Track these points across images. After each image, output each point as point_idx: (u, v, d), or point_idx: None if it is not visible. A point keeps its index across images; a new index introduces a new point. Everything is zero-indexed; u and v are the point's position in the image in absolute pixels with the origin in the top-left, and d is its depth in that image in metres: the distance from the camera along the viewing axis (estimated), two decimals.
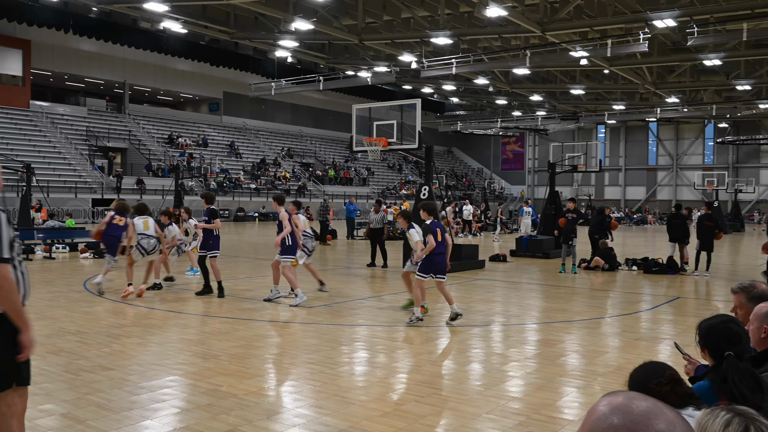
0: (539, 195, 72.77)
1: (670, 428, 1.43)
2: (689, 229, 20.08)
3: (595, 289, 16.13)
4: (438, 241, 10.79)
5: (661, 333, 10.57)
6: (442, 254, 10.95)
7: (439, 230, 10.93)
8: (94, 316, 11.24)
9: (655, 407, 1.47)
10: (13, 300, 3.99)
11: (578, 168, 31.63)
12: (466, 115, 75.77)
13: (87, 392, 6.80)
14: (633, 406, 1.46)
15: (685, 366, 4.11)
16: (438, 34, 32.53)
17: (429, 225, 10.85)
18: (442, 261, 10.93)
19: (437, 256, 10.83)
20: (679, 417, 1.47)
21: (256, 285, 15.12)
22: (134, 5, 31.53)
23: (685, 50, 36.64)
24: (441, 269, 10.91)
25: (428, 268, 10.80)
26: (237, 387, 7.06)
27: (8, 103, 48.09)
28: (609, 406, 1.48)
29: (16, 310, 4.02)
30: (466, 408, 6.49)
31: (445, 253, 11.09)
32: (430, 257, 10.77)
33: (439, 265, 10.87)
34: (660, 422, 1.43)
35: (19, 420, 4.13)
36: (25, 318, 4.09)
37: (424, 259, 10.77)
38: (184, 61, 55.75)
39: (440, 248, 10.87)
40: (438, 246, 10.80)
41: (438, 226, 10.98)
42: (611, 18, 29.97)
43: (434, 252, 10.75)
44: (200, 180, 51.40)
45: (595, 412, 1.49)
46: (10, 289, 3.96)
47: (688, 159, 73.39)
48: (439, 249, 10.83)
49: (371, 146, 18.58)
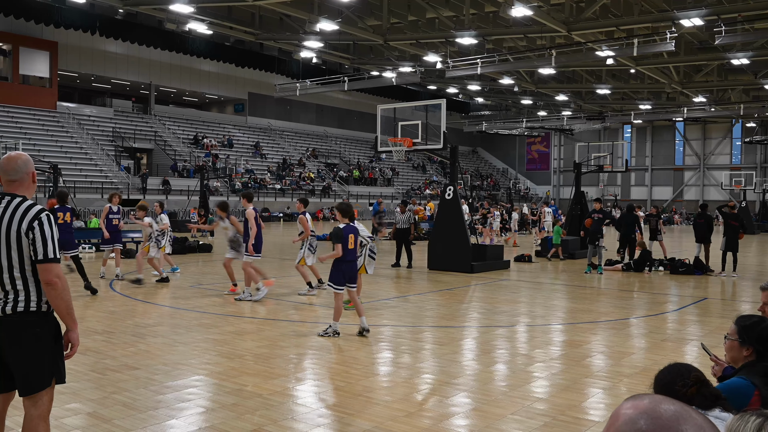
0: (565, 195, 72.46)
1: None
2: (713, 230, 19.96)
3: (621, 289, 16.00)
4: (349, 248, 9.85)
5: (687, 334, 10.45)
6: (353, 262, 10.03)
7: (353, 236, 9.94)
8: (120, 315, 11.33)
9: (683, 411, 1.44)
10: (66, 299, 4.08)
11: (604, 168, 31.38)
12: (491, 115, 75.59)
13: (113, 391, 6.84)
14: (660, 409, 1.43)
15: (712, 367, 4.06)
16: (463, 34, 32.45)
17: (341, 229, 9.84)
18: (352, 269, 10.00)
19: (346, 264, 9.84)
20: (707, 421, 1.44)
21: (281, 285, 15.16)
22: (160, 7, 31.79)
23: (712, 49, 36.30)
24: (352, 277, 9.98)
25: (340, 279, 9.80)
26: (262, 387, 7.08)
27: (35, 105, 48.69)
28: (635, 410, 1.44)
29: (68, 308, 4.11)
30: (491, 409, 6.45)
31: (356, 260, 10.27)
32: (338, 265, 9.80)
33: (349, 273, 9.91)
34: (689, 426, 1.40)
35: (45, 419, 4.19)
36: (74, 317, 4.19)
37: (333, 267, 9.84)
38: (209, 62, 56.15)
39: (351, 256, 9.92)
40: (349, 253, 9.85)
41: (352, 231, 9.99)
42: (637, 17, 29.75)
43: (344, 260, 9.79)
44: (225, 180, 51.66)
45: (621, 416, 1.45)
46: (63, 287, 4.05)
47: (716, 159, 72.61)
48: (349, 257, 9.89)
49: (396, 146, 18.57)
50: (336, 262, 9.79)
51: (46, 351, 4.08)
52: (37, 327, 4.05)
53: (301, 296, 13.64)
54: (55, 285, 4.00)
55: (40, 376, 4.08)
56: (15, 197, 4.11)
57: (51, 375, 4.13)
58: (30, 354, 4.03)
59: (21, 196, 4.13)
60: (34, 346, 4.04)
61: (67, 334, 4.19)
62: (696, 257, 19.40)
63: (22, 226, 4.00)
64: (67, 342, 4.20)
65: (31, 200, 4.14)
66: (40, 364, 4.06)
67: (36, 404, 4.11)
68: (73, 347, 4.22)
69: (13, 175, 4.16)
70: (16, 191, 4.15)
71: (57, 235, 4.13)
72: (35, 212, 4.03)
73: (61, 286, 4.02)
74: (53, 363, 4.13)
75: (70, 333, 4.19)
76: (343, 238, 9.77)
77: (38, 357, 4.05)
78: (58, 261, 4.05)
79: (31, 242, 3.99)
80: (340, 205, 10.37)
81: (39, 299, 4.06)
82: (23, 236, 3.99)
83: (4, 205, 4.06)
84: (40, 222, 4.03)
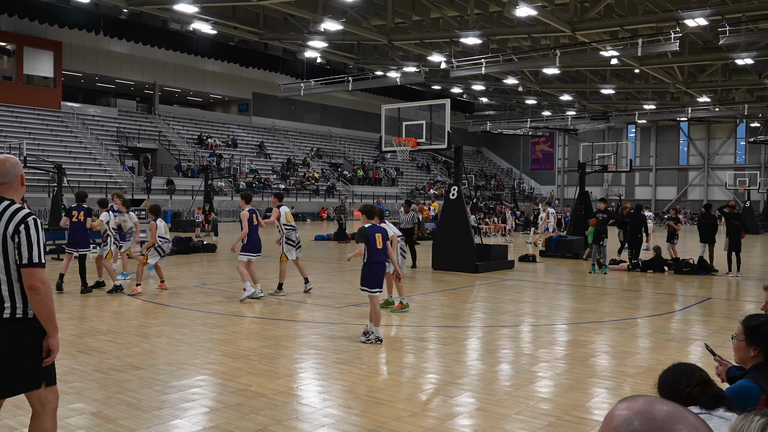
0: (569, 195, 72.37)
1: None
2: (717, 230, 19.95)
3: (625, 289, 15.98)
4: (378, 248, 9.47)
5: (692, 334, 10.44)
6: (382, 263, 9.58)
7: (380, 235, 9.54)
8: (124, 315, 11.35)
9: (677, 411, 1.44)
10: (48, 305, 4.07)
11: (608, 168, 31.36)
12: (496, 115, 75.49)
13: (117, 391, 6.86)
14: (654, 410, 1.44)
15: (717, 367, 4.05)
16: (467, 34, 32.42)
17: (366, 229, 9.50)
18: (383, 271, 9.65)
19: (377, 266, 9.48)
20: (701, 421, 1.44)
21: (286, 285, 15.17)
22: (164, 6, 31.81)
23: (716, 49, 36.20)
24: (380, 282, 9.53)
25: (374, 281, 9.39)
26: (266, 387, 7.09)
27: (40, 104, 48.75)
28: (629, 411, 1.45)
29: (50, 314, 4.10)
30: (495, 408, 6.45)
31: (384, 262, 9.70)
32: (369, 268, 9.41)
33: (382, 275, 9.58)
34: (683, 426, 1.41)
35: (53, 416, 4.23)
36: (56, 323, 4.17)
37: (364, 270, 9.46)
38: (213, 62, 56.17)
39: (379, 257, 9.49)
40: (377, 254, 9.46)
41: (379, 230, 9.61)
42: (642, 17, 29.71)
43: (373, 261, 9.44)
44: (230, 180, 51.70)
45: (615, 418, 1.45)
46: (46, 293, 4.04)
47: (720, 159, 72.45)
48: (377, 257, 9.47)
49: (400, 146, 18.57)
50: (366, 265, 9.41)
51: (30, 356, 4.07)
52: (22, 332, 4.04)
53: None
54: (39, 290, 3.98)
55: (24, 377, 4.08)
56: (2, 200, 4.10)
57: (39, 377, 4.13)
58: (13, 357, 4.02)
59: (9, 200, 4.12)
60: (18, 350, 4.03)
61: (47, 339, 4.13)
62: (700, 257, 19.37)
63: (8, 229, 3.99)
64: (47, 348, 4.14)
65: (19, 204, 4.13)
66: (23, 368, 4.05)
67: (42, 402, 4.17)
68: (53, 353, 4.16)
69: (2, 178, 4.16)
70: (5, 194, 4.15)
71: (44, 240, 4.12)
72: (22, 216, 4.02)
73: (44, 291, 4.00)
74: (39, 366, 4.11)
75: (51, 339, 4.13)
76: (367, 237, 9.39)
77: (21, 361, 4.04)
78: (43, 266, 4.03)
79: (17, 246, 3.98)
80: (363, 207, 10.08)
81: (24, 305, 4.05)
82: (9, 240, 3.99)
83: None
84: (26, 225, 4.01)
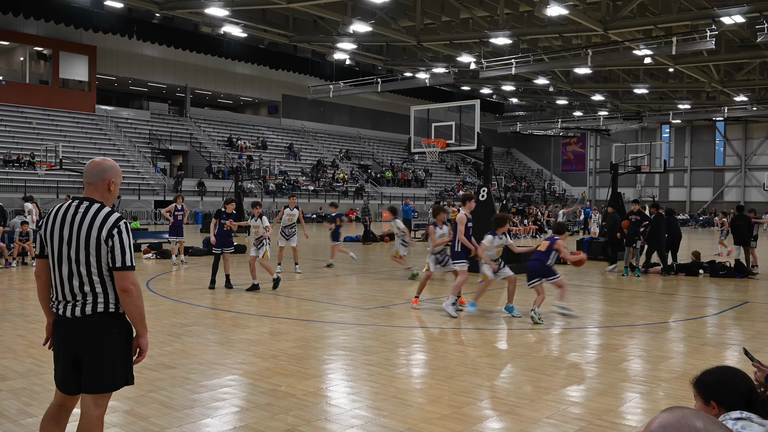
0: (601, 196, 71.69)
1: None
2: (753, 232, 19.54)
3: (659, 292, 15.76)
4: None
5: (728, 338, 10.24)
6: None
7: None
8: (156, 315, 11.43)
9: (712, 426, 1.42)
10: (139, 305, 4.20)
11: (642, 169, 31.03)
12: (526, 116, 75.13)
13: (149, 390, 6.90)
14: (689, 424, 1.42)
15: (755, 373, 3.96)
16: (497, 35, 32.30)
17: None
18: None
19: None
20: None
21: (314, 286, 15.20)
22: (196, 11, 32.11)
23: (754, 47, 35.69)
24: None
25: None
26: (296, 387, 7.08)
27: (75, 108, 49.52)
28: (662, 428, 1.43)
29: (141, 314, 4.23)
30: (525, 412, 6.38)
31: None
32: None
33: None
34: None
35: (102, 420, 4.33)
36: (146, 323, 4.31)
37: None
38: (243, 64, 56.57)
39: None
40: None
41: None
42: (676, 15, 29.35)
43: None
44: (259, 182, 52.00)
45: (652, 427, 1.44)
46: (138, 294, 4.17)
47: (758, 159, 71.19)
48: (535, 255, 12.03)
49: (429, 148, 18.51)
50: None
51: (119, 352, 4.19)
52: (114, 328, 4.17)
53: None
54: (131, 292, 4.12)
55: (111, 376, 4.18)
56: (93, 203, 4.19)
57: (123, 377, 4.24)
58: (105, 353, 4.13)
59: (99, 202, 4.21)
60: (110, 346, 4.15)
61: (137, 339, 4.29)
62: (737, 260, 19.04)
63: (102, 233, 4.09)
64: (137, 346, 4.31)
65: (109, 207, 4.23)
66: (112, 365, 4.17)
67: (98, 404, 4.22)
68: (142, 352, 4.33)
69: (89, 177, 4.27)
70: (92, 195, 4.24)
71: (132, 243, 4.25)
72: (114, 220, 4.13)
73: (135, 293, 4.14)
74: (126, 365, 4.24)
75: (140, 338, 4.29)
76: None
77: (112, 357, 4.16)
78: (133, 268, 4.16)
79: (110, 249, 4.10)
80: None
81: (116, 301, 4.17)
82: (102, 243, 4.10)
83: (82, 211, 4.15)
84: (119, 230, 4.13)
